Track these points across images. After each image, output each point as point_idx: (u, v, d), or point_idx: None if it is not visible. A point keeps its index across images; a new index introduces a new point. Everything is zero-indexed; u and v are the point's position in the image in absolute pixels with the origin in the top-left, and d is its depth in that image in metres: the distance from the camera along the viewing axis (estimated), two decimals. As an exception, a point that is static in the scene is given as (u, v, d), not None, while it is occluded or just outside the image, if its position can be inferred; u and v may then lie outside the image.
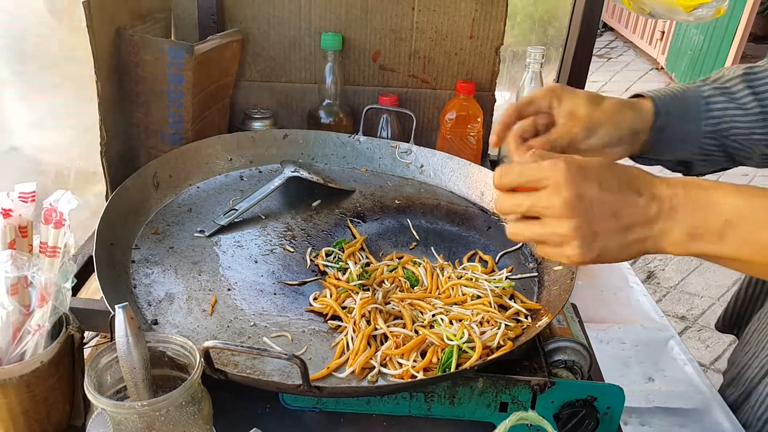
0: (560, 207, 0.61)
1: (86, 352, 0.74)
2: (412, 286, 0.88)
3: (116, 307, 0.57)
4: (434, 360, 0.75)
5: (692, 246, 0.60)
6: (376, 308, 0.81)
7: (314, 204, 1.08)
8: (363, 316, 0.80)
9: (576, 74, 1.27)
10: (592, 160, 0.63)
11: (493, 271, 0.95)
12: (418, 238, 1.03)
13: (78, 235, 1.04)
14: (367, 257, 0.95)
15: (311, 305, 0.85)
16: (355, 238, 1.00)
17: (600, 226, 0.61)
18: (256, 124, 1.32)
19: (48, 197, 0.65)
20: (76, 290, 0.91)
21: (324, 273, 0.92)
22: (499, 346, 0.77)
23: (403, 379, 0.73)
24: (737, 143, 0.85)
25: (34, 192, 0.64)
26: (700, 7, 1.19)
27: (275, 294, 0.86)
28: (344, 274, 0.90)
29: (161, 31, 1.23)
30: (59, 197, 0.65)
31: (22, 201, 0.63)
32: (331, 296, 0.85)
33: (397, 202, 1.11)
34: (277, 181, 1.06)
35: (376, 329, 0.78)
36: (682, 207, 0.60)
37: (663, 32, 6.33)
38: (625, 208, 0.61)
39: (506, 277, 0.92)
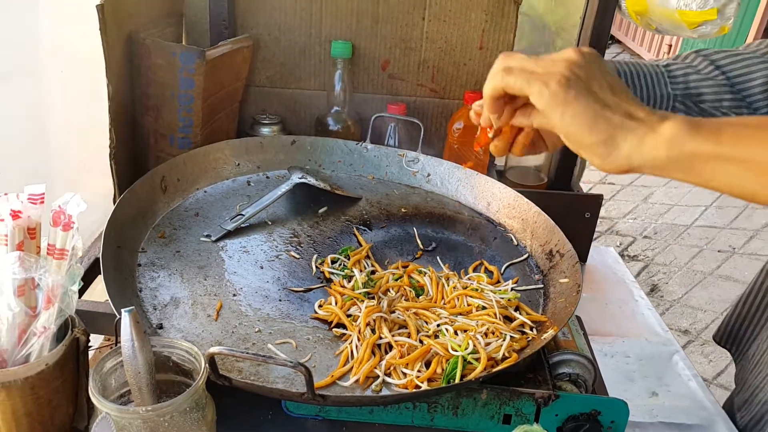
0: (570, 51, 0.61)
1: (90, 354, 0.74)
2: (418, 296, 0.88)
3: (122, 311, 0.57)
4: (438, 370, 0.74)
5: (683, 142, 0.55)
6: (381, 317, 0.81)
7: (321, 211, 1.08)
8: (368, 324, 0.80)
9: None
10: None
11: (498, 281, 0.95)
12: (423, 247, 1.03)
13: (84, 237, 1.04)
14: (372, 265, 0.95)
15: (316, 312, 0.85)
16: (360, 245, 1.00)
17: (593, 82, 0.59)
18: (265, 130, 1.33)
19: (57, 199, 0.65)
20: (81, 292, 0.91)
21: (329, 280, 0.92)
22: (503, 358, 0.76)
23: (407, 389, 0.73)
24: (711, 115, 0.83)
25: (44, 194, 0.64)
26: (704, 25, 1.19)
27: (280, 300, 0.86)
28: (349, 281, 0.89)
29: (173, 36, 1.24)
30: (68, 200, 0.65)
31: (31, 202, 0.63)
32: (336, 304, 0.85)
33: (403, 210, 1.11)
34: (284, 187, 1.06)
35: (380, 338, 0.78)
36: (675, 116, 0.58)
37: (670, 46, 6.33)
38: (620, 93, 0.60)
39: (512, 289, 0.92)
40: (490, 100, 0.68)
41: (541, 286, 0.94)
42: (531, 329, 0.83)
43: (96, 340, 0.89)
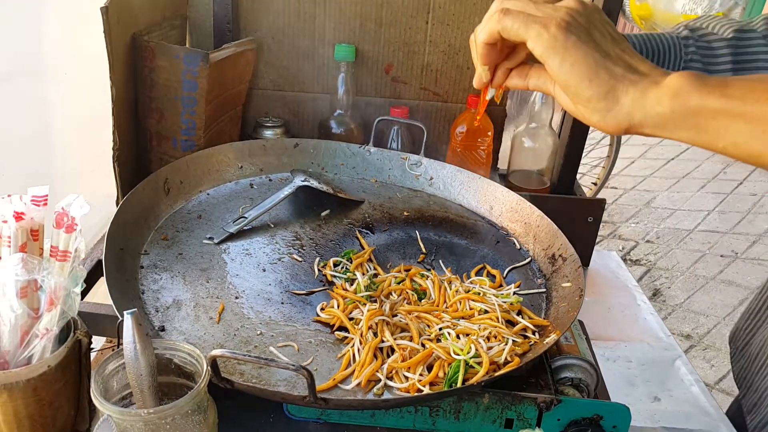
0: (572, 0, 0.58)
1: (92, 356, 0.74)
2: (420, 299, 0.88)
3: (125, 313, 0.57)
4: (440, 374, 0.74)
5: (688, 96, 0.52)
6: (383, 320, 0.81)
7: (323, 214, 1.08)
8: (370, 328, 0.80)
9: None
10: None
11: (501, 285, 0.95)
12: (425, 250, 1.03)
13: (87, 239, 1.04)
14: (374, 268, 0.95)
15: (318, 315, 0.85)
16: (363, 248, 1.00)
17: (594, 30, 0.56)
18: (268, 133, 1.33)
19: (60, 201, 0.65)
20: (83, 294, 0.91)
21: (331, 283, 0.92)
22: (506, 362, 0.76)
23: (408, 392, 0.73)
24: None
25: (47, 196, 0.64)
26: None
27: (282, 303, 0.86)
28: (352, 284, 0.89)
29: (176, 38, 1.24)
30: (71, 201, 0.65)
31: (35, 204, 0.64)
32: (338, 307, 0.85)
33: (406, 213, 1.11)
34: (287, 190, 1.06)
35: (382, 341, 0.78)
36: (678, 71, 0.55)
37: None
38: (621, 44, 0.56)
39: (514, 293, 0.91)
40: (484, 46, 0.64)
41: (544, 290, 0.94)
42: (533, 333, 0.83)
43: (98, 342, 0.89)
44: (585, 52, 0.55)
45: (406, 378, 0.74)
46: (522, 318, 0.85)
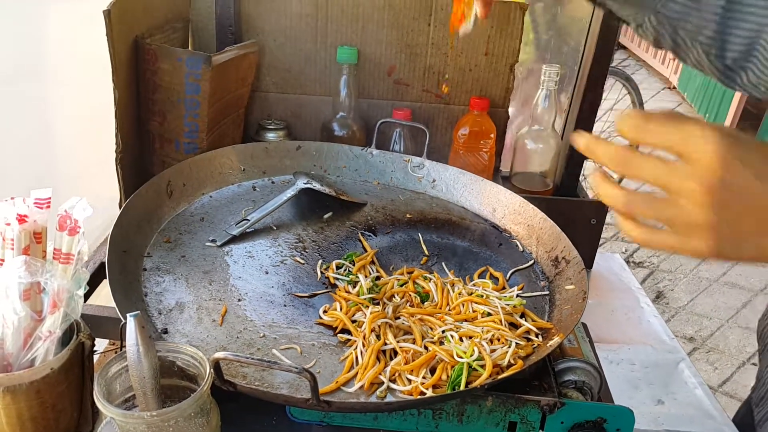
0: (700, 192, 0.48)
1: (95, 358, 0.74)
2: (423, 302, 0.88)
3: (128, 315, 0.57)
4: (443, 377, 0.74)
5: None
6: (386, 323, 0.81)
7: (326, 216, 1.08)
8: (373, 330, 0.80)
9: (591, 93, 1.27)
10: (747, 136, 0.49)
11: (504, 288, 0.95)
12: (428, 253, 1.02)
13: (90, 241, 1.04)
14: (377, 271, 0.95)
15: (321, 318, 0.85)
16: (366, 251, 1.00)
17: (745, 226, 0.49)
18: (270, 135, 1.33)
19: (63, 204, 0.65)
20: (86, 296, 0.91)
21: (334, 286, 0.92)
22: (509, 365, 0.76)
23: (411, 395, 0.73)
24: (679, 38, 0.74)
25: (50, 198, 0.64)
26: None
27: (285, 306, 0.86)
28: (354, 287, 0.89)
29: (179, 41, 1.24)
30: (74, 204, 0.65)
31: (38, 207, 0.64)
32: (341, 309, 0.85)
33: (408, 216, 1.11)
34: (290, 193, 1.06)
35: (385, 344, 0.78)
36: None
37: (676, 52, 6.32)
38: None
39: (517, 295, 0.91)
40: None
41: (547, 292, 0.94)
42: (536, 336, 0.83)
43: (101, 344, 0.89)
44: (740, 254, 0.51)
45: (409, 381, 0.74)
46: (525, 321, 0.85)
